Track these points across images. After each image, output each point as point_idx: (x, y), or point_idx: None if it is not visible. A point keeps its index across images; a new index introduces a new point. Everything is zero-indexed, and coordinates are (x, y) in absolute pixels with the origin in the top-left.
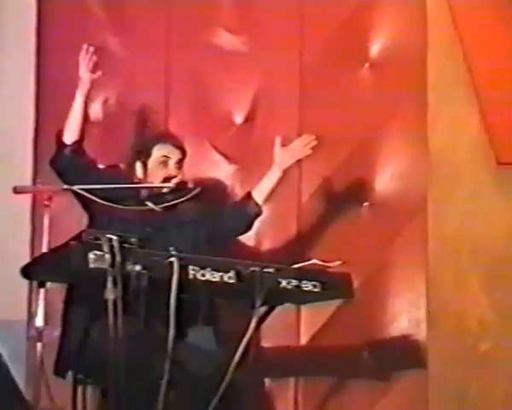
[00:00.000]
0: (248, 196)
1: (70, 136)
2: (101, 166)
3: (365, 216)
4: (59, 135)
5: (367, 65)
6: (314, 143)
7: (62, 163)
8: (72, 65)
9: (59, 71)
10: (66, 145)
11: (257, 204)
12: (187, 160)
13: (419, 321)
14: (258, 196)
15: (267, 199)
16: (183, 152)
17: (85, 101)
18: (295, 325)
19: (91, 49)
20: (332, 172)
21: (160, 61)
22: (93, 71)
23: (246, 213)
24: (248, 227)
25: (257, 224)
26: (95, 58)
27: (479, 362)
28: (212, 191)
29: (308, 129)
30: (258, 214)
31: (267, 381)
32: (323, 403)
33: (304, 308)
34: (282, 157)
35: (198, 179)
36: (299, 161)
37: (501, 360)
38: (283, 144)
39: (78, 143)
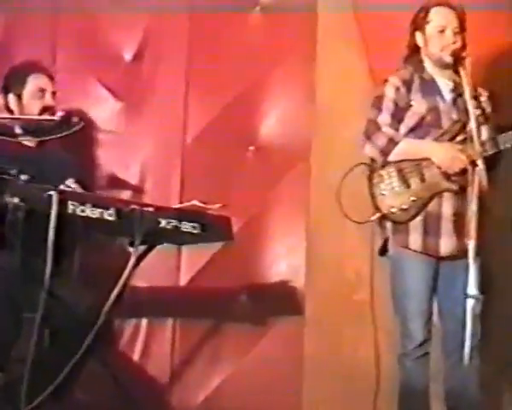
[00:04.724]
0: None
1: None
2: None
3: (249, 160)
4: None
5: (257, 9)
6: None
7: None
8: None
9: None
10: None
11: None
12: (74, 95)
13: (298, 267)
14: None
15: None
16: (54, 84)
17: None
18: (175, 266)
19: None
20: (218, 114)
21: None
22: None
23: None
24: None
25: (140, 164)
26: None
27: (353, 311)
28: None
29: (196, 70)
30: None
31: (145, 321)
32: (200, 345)
33: (185, 249)
34: None
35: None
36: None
37: (374, 309)
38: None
39: None
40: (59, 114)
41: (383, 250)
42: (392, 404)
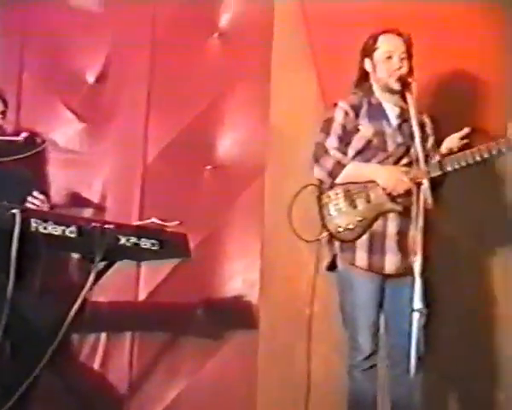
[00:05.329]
0: None
1: None
2: None
3: (207, 179)
4: None
5: (216, 35)
6: None
7: None
8: None
9: None
10: None
11: None
12: (39, 116)
13: (253, 283)
14: None
15: None
16: (6, 103)
17: None
18: (134, 281)
19: None
20: (177, 135)
21: (16, 19)
22: None
23: None
24: None
25: (102, 183)
26: None
27: (306, 324)
28: None
29: (157, 91)
30: None
31: (104, 334)
32: (158, 358)
33: (144, 265)
34: None
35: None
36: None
37: (324, 323)
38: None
39: None
40: (23, 135)
41: (332, 266)
42: None
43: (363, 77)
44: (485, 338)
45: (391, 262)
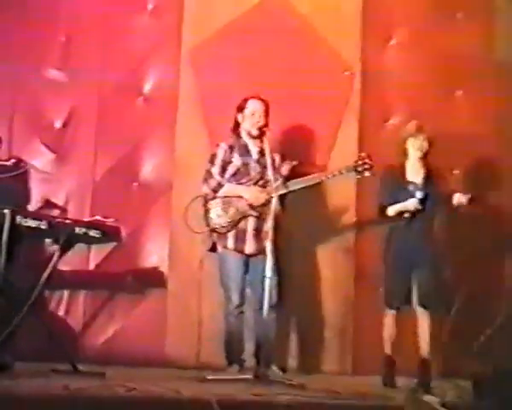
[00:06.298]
0: None
1: None
2: None
3: (134, 192)
4: None
5: (141, 98)
6: None
7: None
8: None
9: None
10: None
11: None
12: (25, 148)
13: (164, 258)
14: None
15: None
16: (0, 139)
17: None
18: (86, 257)
19: None
20: (115, 163)
21: (8, 82)
22: None
23: None
24: None
25: (65, 193)
26: None
27: (197, 286)
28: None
29: (102, 134)
30: None
31: (66, 292)
32: (102, 307)
33: (93, 247)
34: None
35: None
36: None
37: (211, 285)
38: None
39: None
40: (12, 161)
41: (213, 249)
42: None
43: (237, 126)
44: (315, 294)
45: (249, 246)
